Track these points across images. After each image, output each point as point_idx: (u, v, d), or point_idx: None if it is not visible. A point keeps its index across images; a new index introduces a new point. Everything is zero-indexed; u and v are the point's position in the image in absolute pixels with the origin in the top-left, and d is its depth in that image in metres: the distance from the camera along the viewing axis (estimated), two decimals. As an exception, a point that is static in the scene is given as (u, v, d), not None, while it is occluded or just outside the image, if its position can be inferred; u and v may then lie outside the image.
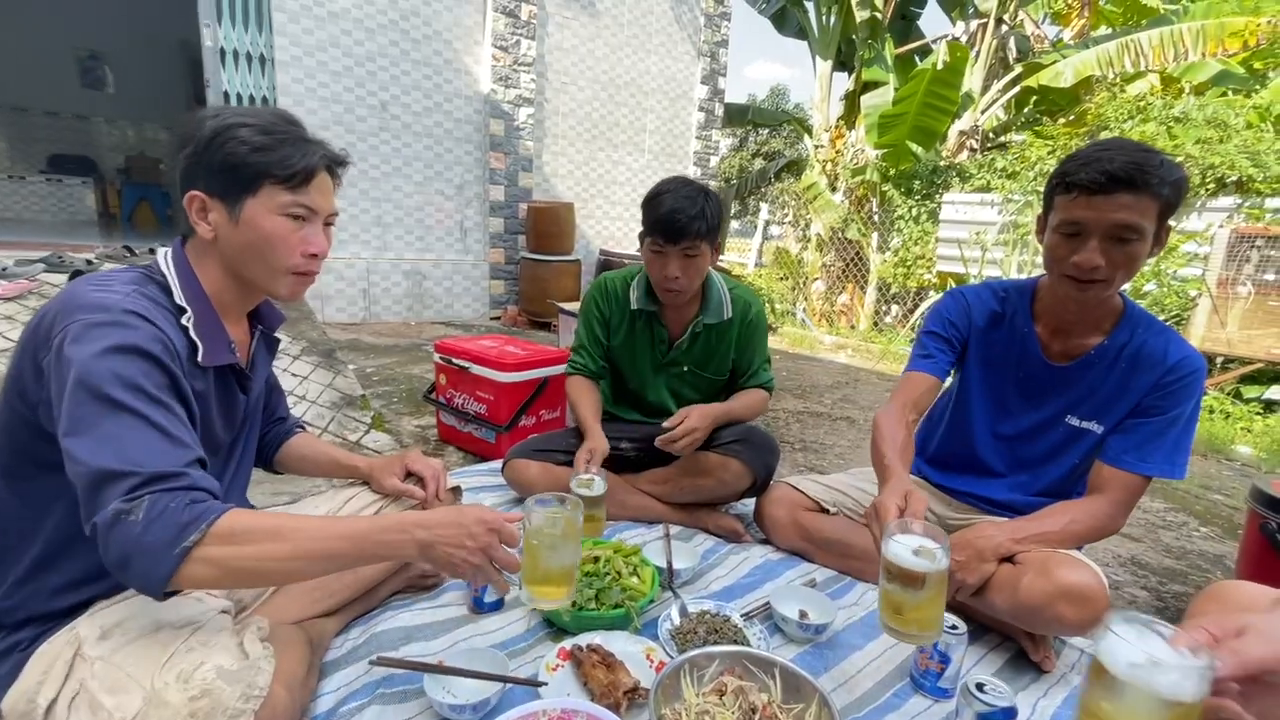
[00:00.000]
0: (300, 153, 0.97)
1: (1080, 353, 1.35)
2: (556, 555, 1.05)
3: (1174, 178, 1.14)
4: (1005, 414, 1.46)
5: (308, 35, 4.54)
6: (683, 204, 1.56)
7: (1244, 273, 3.74)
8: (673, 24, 6.41)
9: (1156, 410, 1.28)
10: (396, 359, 3.98)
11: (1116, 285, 1.23)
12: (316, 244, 1.02)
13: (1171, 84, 6.95)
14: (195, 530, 0.76)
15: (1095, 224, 1.17)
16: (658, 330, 1.82)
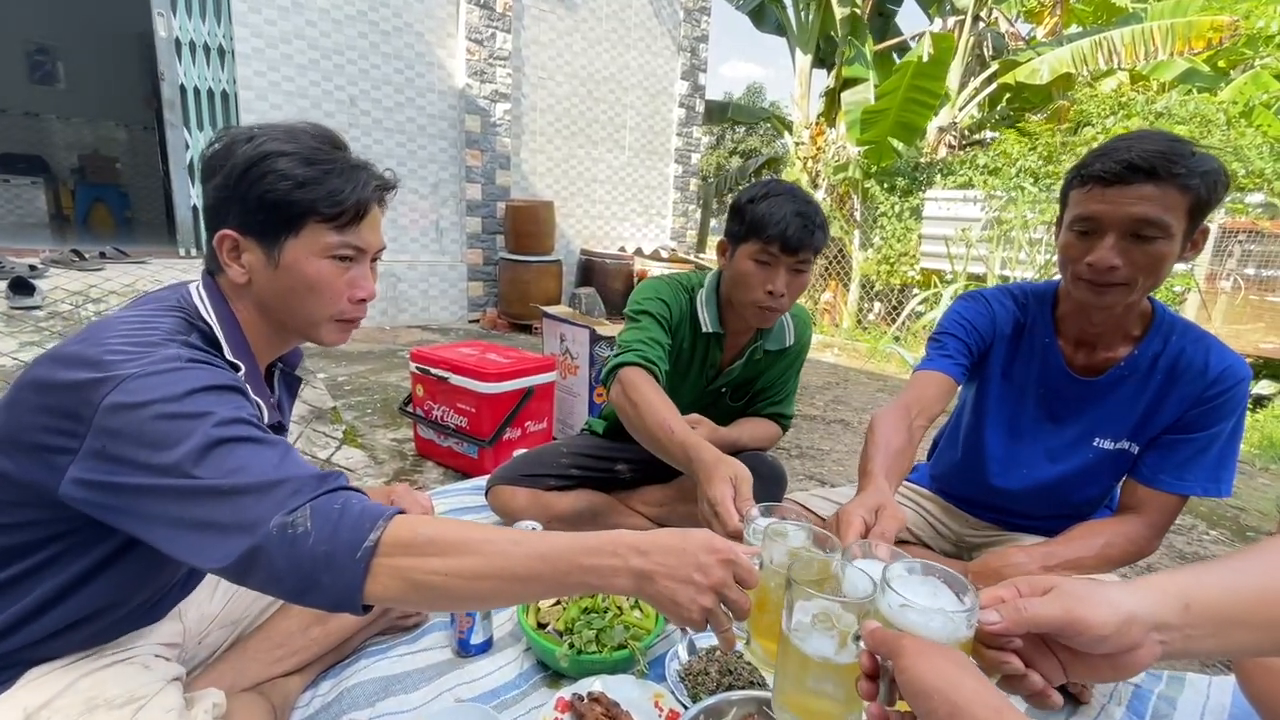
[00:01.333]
0: (350, 185, 0.84)
1: (1108, 365, 1.23)
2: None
3: (1205, 169, 1.02)
4: (1023, 433, 1.34)
5: (270, 26, 4.32)
6: (805, 208, 1.34)
7: (1228, 268, 3.74)
8: (652, 18, 6.29)
9: (1198, 426, 1.17)
10: (370, 366, 3.80)
11: (1139, 290, 1.09)
12: (365, 288, 0.91)
13: (1140, 81, 7.04)
14: (372, 529, 0.65)
15: (1111, 219, 1.04)
16: (714, 354, 1.60)
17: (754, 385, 1.67)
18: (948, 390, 1.29)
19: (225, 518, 0.64)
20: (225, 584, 1.06)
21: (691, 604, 0.67)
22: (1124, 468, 1.26)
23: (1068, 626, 0.53)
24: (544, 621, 1.27)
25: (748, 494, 1.06)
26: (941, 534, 1.55)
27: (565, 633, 1.22)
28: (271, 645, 1.04)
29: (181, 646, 0.98)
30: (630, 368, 1.37)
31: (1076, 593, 0.55)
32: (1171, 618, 0.54)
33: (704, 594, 0.68)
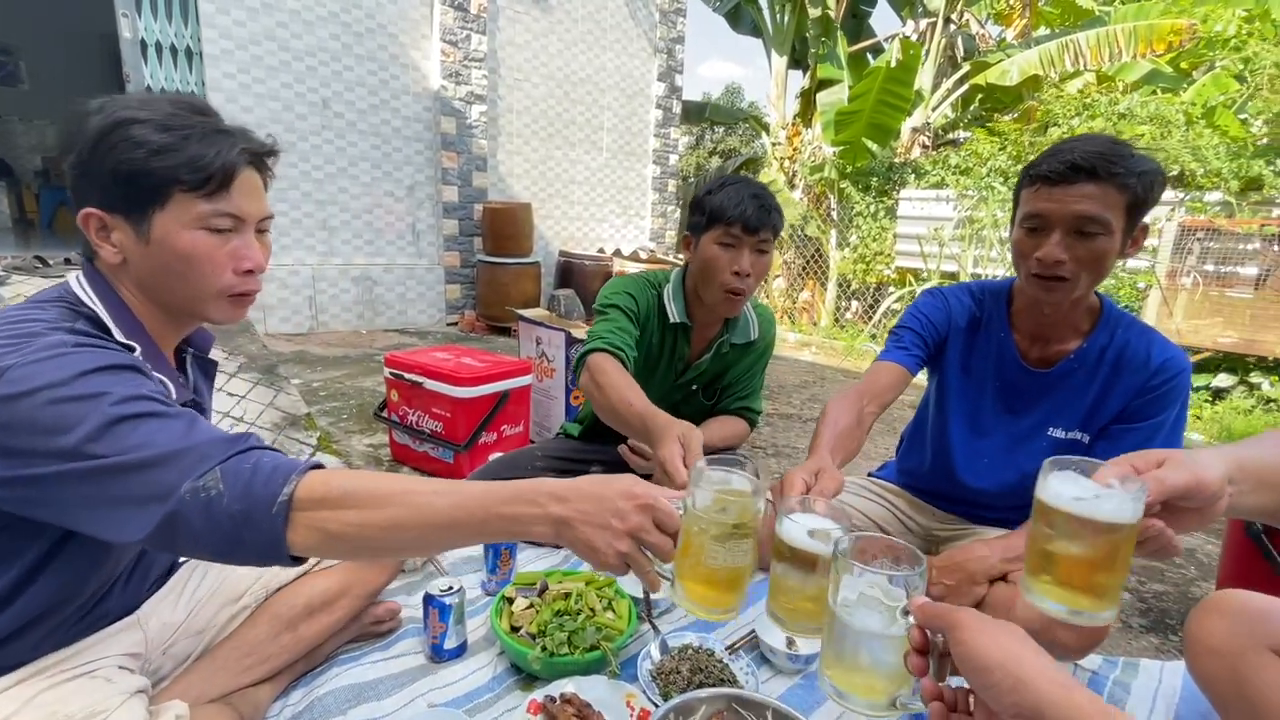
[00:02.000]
0: (214, 149, 0.80)
1: (1059, 358, 1.29)
2: (726, 552, 0.74)
3: (1142, 169, 1.09)
4: (983, 425, 1.40)
5: (239, 27, 4.25)
6: (758, 191, 1.44)
7: (1188, 264, 3.86)
8: (627, 19, 6.30)
9: (1142, 416, 1.23)
10: (346, 371, 3.77)
11: (1084, 284, 1.16)
12: (251, 258, 0.86)
13: (1106, 82, 7.22)
14: (285, 484, 0.66)
15: (1056, 216, 1.12)
16: (681, 347, 1.65)
17: (722, 380, 1.70)
18: (900, 379, 1.35)
19: (138, 491, 0.64)
20: (189, 593, 1.05)
21: (608, 549, 0.69)
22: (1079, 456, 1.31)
23: (1195, 488, 0.64)
24: (517, 625, 1.27)
25: (697, 449, 1.08)
26: (910, 529, 1.58)
27: (538, 636, 1.23)
28: (240, 654, 1.03)
29: (144, 657, 0.97)
30: (597, 354, 1.43)
31: (1188, 461, 0.67)
32: (1235, 474, 0.68)
33: (620, 539, 0.69)
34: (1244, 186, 3.93)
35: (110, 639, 0.93)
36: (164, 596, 1.04)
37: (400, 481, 0.71)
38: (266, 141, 0.88)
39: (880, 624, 0.64)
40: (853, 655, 0.66)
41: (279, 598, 1.10)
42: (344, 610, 1.14)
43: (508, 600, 1.33)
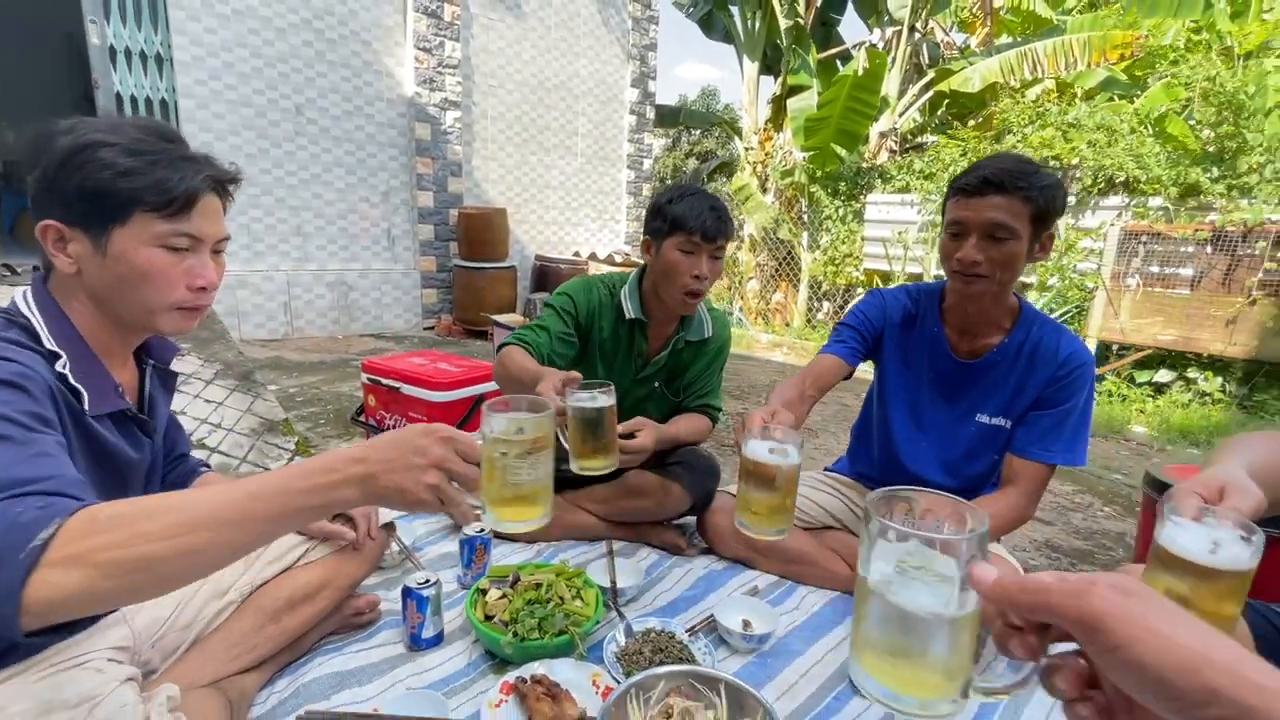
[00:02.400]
0: (179, 175, 0.85)
1: (984, 350, 1.45)
2: (528, 468, 0.85)
3: (1044, 184, 1.26)
4: (922, 413, 1.54)
5: (210, 34, 4.26)
6: (714, 202, 1.58)
7: (1133, 266, 4.07)
8: (600, 27, 6.39)
9: (1053, 403, 1.39)
10: (323, 376, 3.80)
11: (999, 282, 1.33)
12: (204, 276, 0.90)
13: (1066, 89, 7.51)
14: (44, 527, 0.60)
15: (973, 222, 1.29)
16: (639, 342, 1.77)
17: (683, 378, 1.81)
18: (838, 369, 1.52)
19: None
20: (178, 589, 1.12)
21: (417, 486, 0.71)
22: (1002, 441, 1.46)
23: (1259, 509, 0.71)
24: (491, 614, 1.35)
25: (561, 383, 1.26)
26: (861, 518, 1.70)
27: (510, 623, 1.32)
28: (227, 644, 1.10)
29: (133, 650, 1.03)
30: (506, 347, 1.59)
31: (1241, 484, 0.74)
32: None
33: (426, 473, 0.72)
34: (1182, 193, 4.16)
35: (98, 634, 0.99)
36: (152, 593, 1.10)
37: (185, 493, 0.69)
38: (230, 169, 0.93)
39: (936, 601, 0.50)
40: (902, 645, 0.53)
41: (263, 592, 1.17)
42: (325, 601, 1.21)
43: (481, 592, 1.41)
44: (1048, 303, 4.53)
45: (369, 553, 1.28)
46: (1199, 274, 3.78)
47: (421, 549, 1.75)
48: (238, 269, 4.62)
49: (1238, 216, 3.70)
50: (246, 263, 4.64)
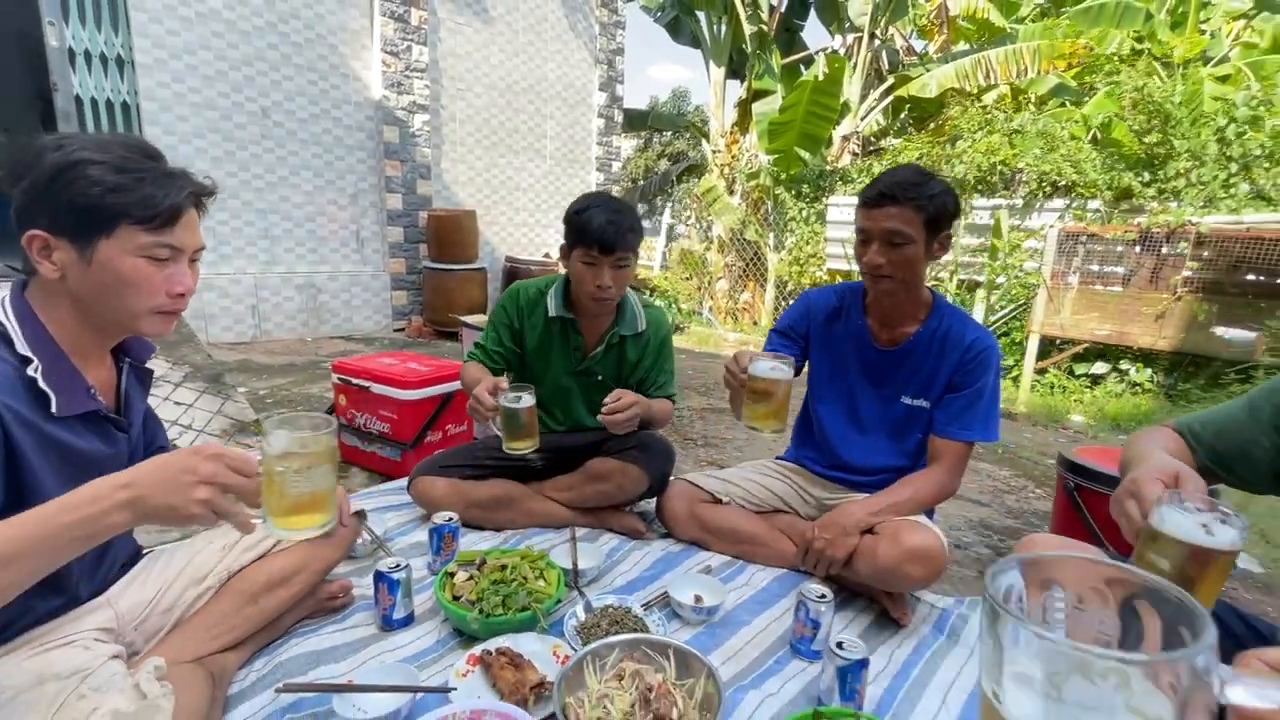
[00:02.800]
0: (164, 191, 0.90)
1: (902, 339, 1.61)
2: (308, 480, 0.89)
3: (933, 193, 1.42)
4: (851, 397, 1.69)
5: (173, 37, 4.24)
6: (615, 217, 1.66)
7: (1073, 265, 4.31)
8: (568, 32, 6.48)
9: (964, 385, 1.54)
10: (293, 378, 3.82)
11: (902, 281, 1.49)
12: (184, 284, 0.97)
13: (1020, 94, 7.83)
14: None
15: (874, 231, 1.45)
16: (573, 338, 1.88)
17: (632, 372, 1.93)
18: None
19: None
20: (157, 573, 1.19)
21: (188, 502, 0.76)
22: (924, 421, 1.62)
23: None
24: (458, 594, 1.45)
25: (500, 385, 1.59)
26: (807, 500, 1.84)
27: (476, 602, 1.41)
28: (208, 624, 1.17)
29: (117, 631, 1.10)
30: (467, 361, 1.94)
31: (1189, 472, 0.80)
32: None
33: (197, 489, 0.77)
34: (1117, 196, 4.42)
35: (83, 617, 1.06)
36: (132, 579, 1.17)
37: None
38: (207, 184, 1.00)
39: None
40: None
41: (241, 576, 1.24)
42: (301, 585, 1.29)
43: (450, 575, 1.50)
44: (997, 300, 4.77)
45: (341, 539, 1.36)
46: (1130, 273, 4.03)
47: (393, 539, 1.83)
48: (204, 272, 4.57)
49: (1162, 219, 3.96)
50: (213, 266, 4.62)
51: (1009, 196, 5.08)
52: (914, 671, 1.36)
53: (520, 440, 1.61)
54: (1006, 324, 4.79)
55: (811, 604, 1.37)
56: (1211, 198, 4.00)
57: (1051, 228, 4.32)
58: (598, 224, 1.65)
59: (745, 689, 1.28)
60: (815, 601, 1.37)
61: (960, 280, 5.09)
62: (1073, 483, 1.76)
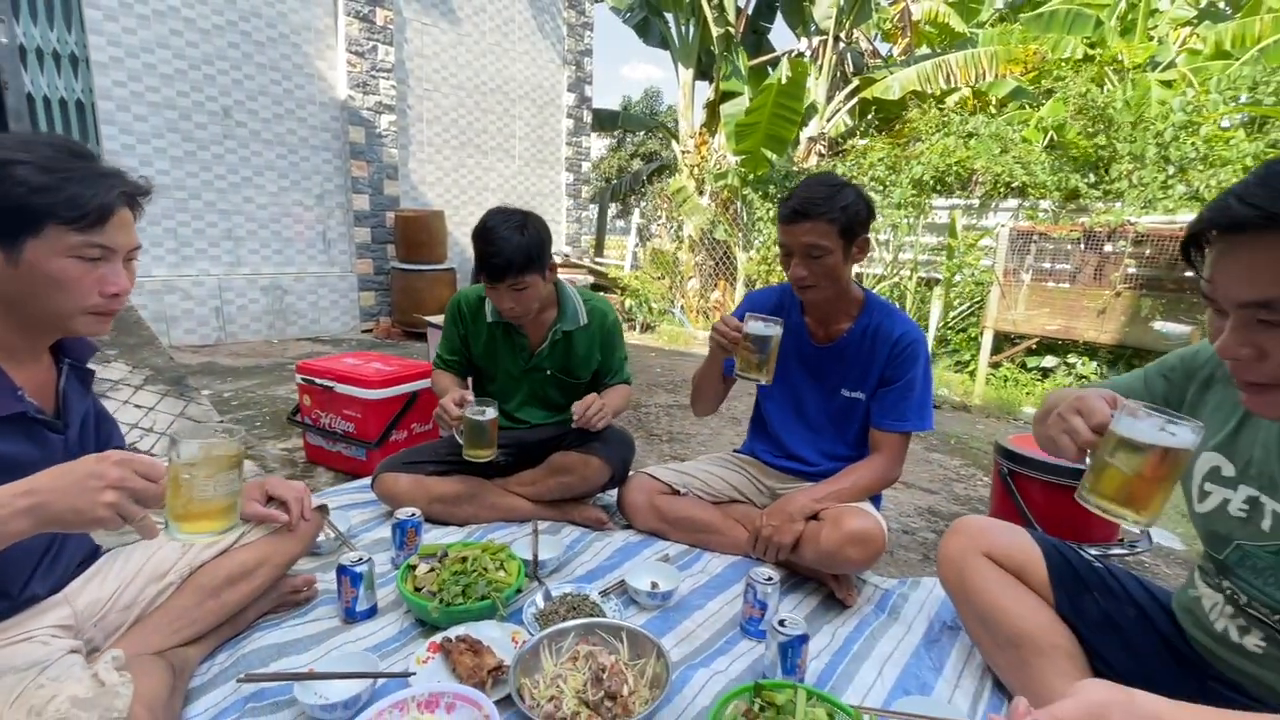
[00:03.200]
0: (93, 191, 0.89)
1: (837, 336, 1.70)
2: (211, 487, 0.92)
3: (843, 204, 1.49)
4: (796, 391, 1.78)
5: (129, 35, 4.16)
6: (500, 245, 1.66)
7: (1025, 263, 4.49)
8: (535, 33, 6.50)
9: (895, 378, 1.63)
10: (258, 380, 3.79)
11: (824, 290, 1.57)
12: (116, 284, 0.95)
13: (981, 96, 8.07)
14: None
15: (794, 246, 1.53)
16: (518, 339, 1.94)
17: (582, 365, 1.99)
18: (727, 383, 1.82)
19: None
20: (116, 571, 1.20)
21: (94, 506, 0.77)
22: (861, 412, 1.70)
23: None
24: (420, 586, 1.49)
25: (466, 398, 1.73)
26: (760, 490, 1.92)
27: (437, 592, 1.46)
28: (170, 619, 1.19)
29: (75, 628, 1.11)
30: (436, 370, 2.04)
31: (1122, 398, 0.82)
32: None
33: (103, 493, 0.77)
34: (1066, 197, 4.62)
35: (41, 614, 1.07)
36: (91, 576, 1.18)
37: None
38: (141, 183, 0.98)
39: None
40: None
41: (202, 571, 1.26)
42: (263, 578, 1.32)
43: (412, 567, 1.54)
44: (954, 297, 4.93)
45: (304, 532, 1.38)
46: (1076, 270, 4.22)
47: (357, 535, 1.86)
48: (165, 274, 4.52)
49: (1104, 219, 4.16)
50: (174, 267, 4.55)
51: (966, 197, 5.25)
52: (854, 647, 1.44)
53: (480, 449, 1.72)
54: (964, 320, 4.96)
55: (759, 586, 1.44)
56: (1151, 199, 4.21)
57: (1004, 227, 4.49)
58: (483, 254, 1.68)
59: (695, 667, 1.34)
60: (763, 584, 1.44)
61: (920, 278, 5.25)
62: (1007, 468, 1.87)
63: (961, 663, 1.39)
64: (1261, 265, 0.64)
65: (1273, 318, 0.65)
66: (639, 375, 4.44)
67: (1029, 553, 1.25)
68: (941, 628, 1.51)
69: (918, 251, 5.27)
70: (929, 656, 1.42)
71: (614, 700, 1.15)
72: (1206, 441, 0.92)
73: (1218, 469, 0.92)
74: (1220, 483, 0.92)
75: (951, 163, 5.22)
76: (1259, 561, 0.87)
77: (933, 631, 1.51)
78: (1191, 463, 0.95)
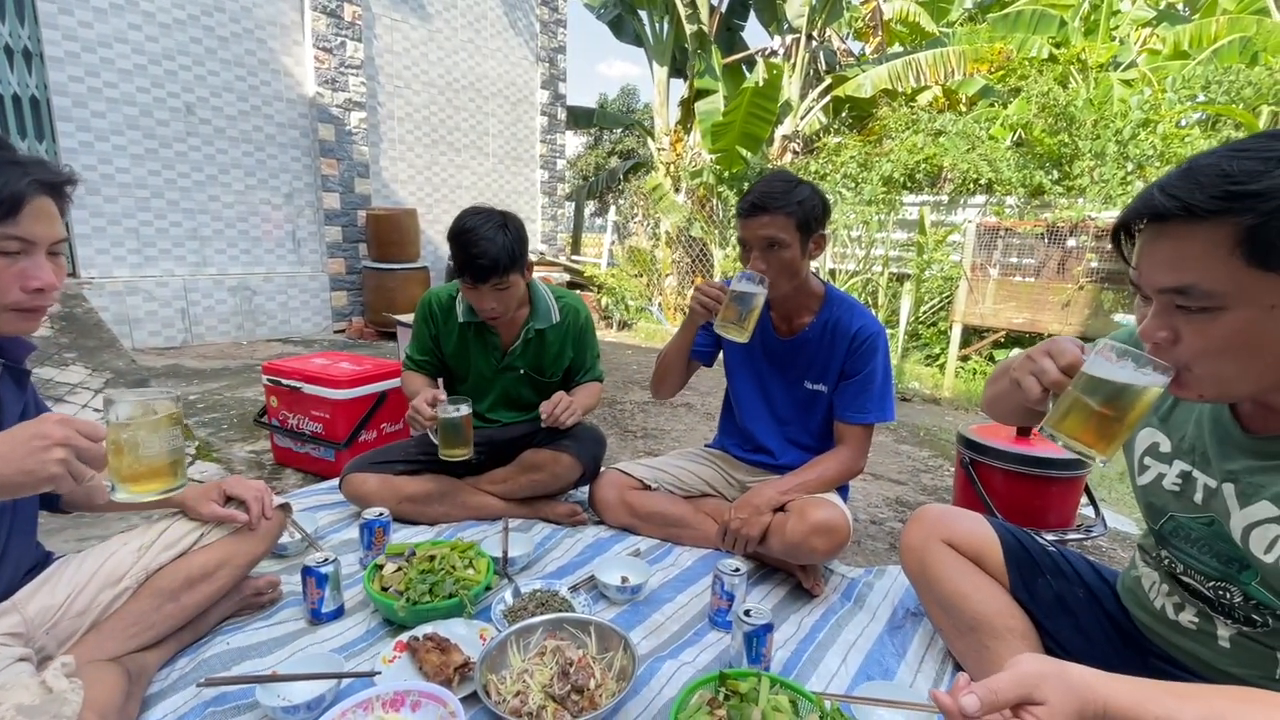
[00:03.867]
0: (2, 180, 0.87)
1: (799, 330, 1.73)
2: (154, 444, 0.95)
3: (800, 199, 1.52)
4: (763, 384, 1.81)
5: (85, 29, 4.05)
6: (484, 246, 1.65)
7: (993, 258, 4.58)
8: (508, 29, 6.46)
9: (855, 371, 1.66)
10: (226, 383, 3.72)
11: (784, 285, 1.59)
12: (39, 277, 0.92)
13: (951, 95, 8.21)
14: None
15: (752, 239, 1.56)
16: (490, 338, 1.94)
17: (554, 362, 2.00)
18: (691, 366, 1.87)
19: None
20: (68, 577, 1.17)
21: (43, 466, 0.78)
22: (824, 404, 1.73)
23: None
24: (387, 585, 1.48)
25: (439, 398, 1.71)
26: (731, 484, 1.94)
27: (404, 591, 1.45)
28: (125, 624, 1.17)
29: (26, 636, 1.08)
30: (405, 371, 2.02)
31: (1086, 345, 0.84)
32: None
33: (50, 450, 0.79)
34: (1031, 193, 4.72)
35: (-12, 622, 1.05)
36: (41, 583, 1.15)
37: None
38: (61, 172, 0.95)
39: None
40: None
41: (161, 574, 1.23)
42: (225, 579, 1.29)
43: (379, 567, 1.53)
44: (924, 292, 5.02)
45: (265, 532, 1.36)
46: (1040, 265, 4.32)
47: (324, 537, 1.84)
48: (126, 275, 4.41)
49: (1065, 214, 4.26)
50: (137, 268, 4.44)
51: (935, 193, 5.35)
52: (820, 635, 1.47)
53: (456, 448, 1.70)
54: (934, 314, 5.05)
55: (726, 578, 1.46)
56: (1110, 195, 4.33)
57: (971, 223, 4.58)
58: (467, 255, 1.67)
59: (663, 659, 1.35)
60: (730, 575, 1.46)
61: (891, 273, 5.33)
62: (968, 458, 1.91)
63: (923, 648, 1.42)
64: (1179, 253, 0.67)
65: (1188, 303, 0.68)
66: (615, 373, 4.45)
67: (987, 539, 1.28)
68: (905, 614, 1.55)
69: (888, 248, 5.35)
70: (892, 643, 1.45)
71: (580, 694, 1.15)
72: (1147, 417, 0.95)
73: (1156, 445, 0.96)
74: (1157, 458, 0.95)
75: (920, 160, 5.30)
76: (1192, 532, 0.91)
77: (896, 618, 1.54)
78: (1133, 437, 0.98)
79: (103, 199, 4.19)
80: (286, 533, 1.61)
